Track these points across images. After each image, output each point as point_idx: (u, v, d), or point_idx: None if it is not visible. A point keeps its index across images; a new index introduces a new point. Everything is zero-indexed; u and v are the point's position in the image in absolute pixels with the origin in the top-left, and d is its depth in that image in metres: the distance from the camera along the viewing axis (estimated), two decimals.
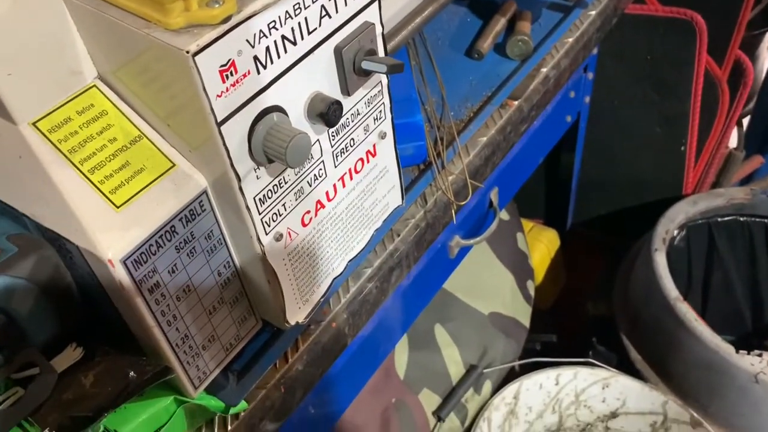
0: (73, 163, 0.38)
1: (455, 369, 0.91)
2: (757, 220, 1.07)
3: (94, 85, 0.40)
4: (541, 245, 1.20)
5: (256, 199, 0.42)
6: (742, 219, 1.07)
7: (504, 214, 1.08)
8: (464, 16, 0.83)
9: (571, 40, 0.81)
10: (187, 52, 0.34)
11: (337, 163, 0.47)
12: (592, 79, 1.02)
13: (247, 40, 0.36)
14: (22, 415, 0.39)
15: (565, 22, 0.81)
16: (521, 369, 0.98)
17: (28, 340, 0.40)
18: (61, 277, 0.41)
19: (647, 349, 0.96)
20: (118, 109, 0.40)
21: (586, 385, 0.96)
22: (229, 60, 0.36)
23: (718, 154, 1.08)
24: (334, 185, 0.48)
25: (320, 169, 0.46)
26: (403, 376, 0.89)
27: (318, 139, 0.44)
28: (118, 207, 0.38)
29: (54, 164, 0.38)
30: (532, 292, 1.06)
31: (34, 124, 0.38)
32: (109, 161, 0.39)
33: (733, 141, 1.28)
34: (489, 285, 1.00)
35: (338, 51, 0.42)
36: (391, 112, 0.51)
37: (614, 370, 0.94)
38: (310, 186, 0.46)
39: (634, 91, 1.07)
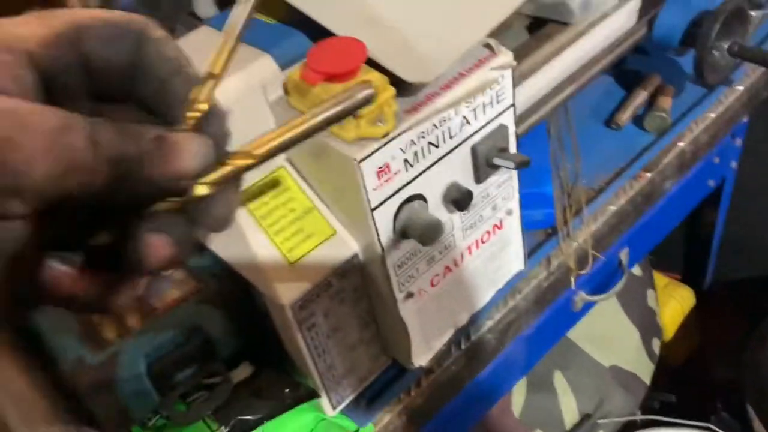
0: (262, 227, 0.51)
1: (570, 416, 0.97)
2: None
3: (283, 167, 0.53)
4: (674, 302, 1.21)
5: (395, 265, 0.52)
6: None
7: (636, 270, 1.11)
8: (609, 86, 0.89)
9: (713, 115, 0.84)
10: (355, 159, 0.45)
11: (465, 236, 0.57)
12: (740, 146, 1.03)
13: (401, 148, 0.47)
14: (206, 412, 0.52)
15: (707, 98, 0.84)
16: (637, 426, 1.02)
17: (216, 355, 0.53)
18: (246, 311, 0.54)
19: None
20: (299, 186, 0.53)
21: None
22: (385, 163, 0.46)
23: None
24: (462, 254, 0.58)
25: (450, 241, 0.56)
26: (518, 414, 0.97)
27: (450, 218, 0.54)
28: (292, 263, 0.51)
29: (250, 228, 0.51)
30: (657, 350, 1.08)
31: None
32: (288, 226, 0.51)
33: None
34: (613, 338, 1.04)
35: (474, 149, 0.52)
36: (518, 192, 0.59)
37: None
38: (440, 254, 0.56)
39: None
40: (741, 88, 0.87)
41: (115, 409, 0.50)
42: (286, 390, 0.54)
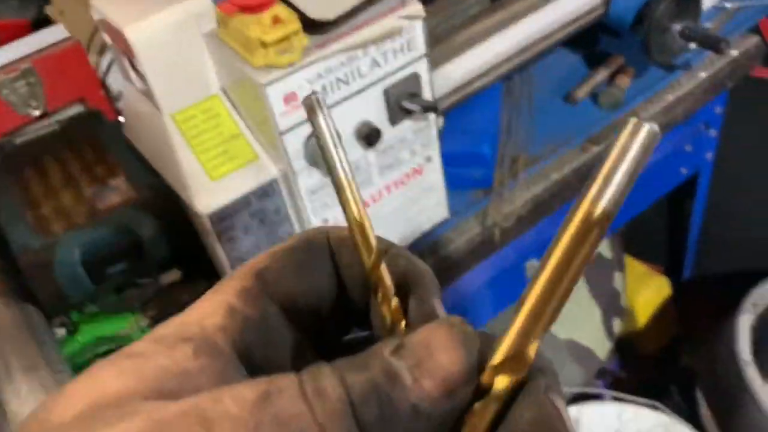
0: (191, 146, 0.58)
1: None
2: None
3: (216, 95, 0.60)
4: (649, 291, 1.24)
5: (309, 190, 0.59)
6: None
7: (606, 251, 1.15)
8: (575, 63, 0.93)
9: (671, 97, 0.87)
10: (261, 84, 0.51)
11: (383, 174, 0.63)
12: (715, 137, 1.06)
13: (307, 79, 0.53)
14: (135, 305, 0.60)
15: (664, 79, 0.87)
16: (587, 398, 1.05)
17: (146, 257, 0.60)
18: (177, 221, 0.61)
19: (716, 407, 0.98)
20: (229, 113, 0.59)
21: (648, 427, 1.01)
22: (291, 91, 0.53)
23: None
24: (380, 191, 0.63)
25: (366, 177, 0.62)
26: None
27: (364, 154, 0.60)
28: (214, 179, 0.57)
29: (180, 145, 0.58)
30: (617, 329, 1.12)
31: (172, 115, 0.58)
32: (215, 148, 0.58)
33: None
34: (574, 313, 1.08)
35: (386, 92, 0.58)
36: (439, 140, 0.65)
37: (677, 417, 0.98)
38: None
39: (765, 153, 1.08)
40: (704, 74, 0.90)
41: (53, 291, 0.58)
42: None
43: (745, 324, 0.94)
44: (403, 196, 0.66)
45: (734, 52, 0.92)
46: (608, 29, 0.89)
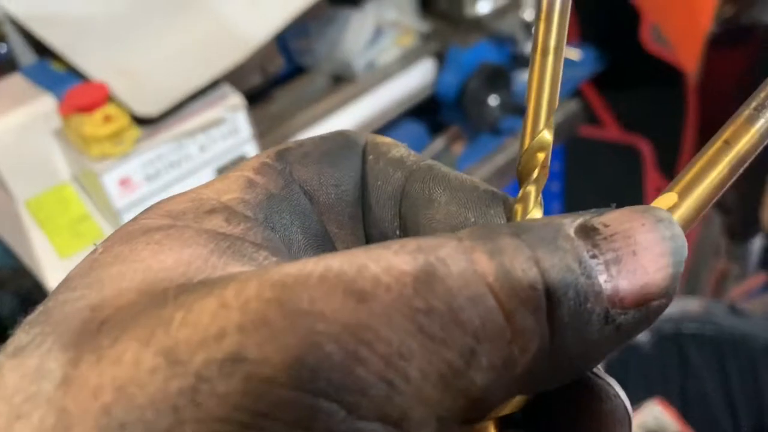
0: (43, 229, 0.65)
1: None
2: (719, 330, 1.17)
3: (66, 182, 0.68)
4: None
5: None
6: (707, 328, 1.18)
7: None
8: (420, 131, 1.06)
9: (501, 159, 1.01)
10: (97, 173, 0.60)
11: None
12: (558, 191, 1.20)
13: (139, 166, 0.62)
14: None
15: (492, 143, 1.01)
16: None
17: (7, 332, 0.67)
18: (34, 298, 0.68)
19: None
20: (78, 197, 0.67)
21: None
22: (126, 176, 0.62)
23: None
24: None
25: None
26: None
27: None
28: (64, 257, 0.65)
29: (32, 228, 0.65)
30: None
31: (25, 202, 0.66)
32: (65, 229, 0.66)
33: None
34: None
35: (219, 171, 0.67)
36: None
37: None
38: None
39: (597, 204, 1.22)
40: (517, 141, 1.03)
41: None
42: None
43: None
44: None
45: (557, 114, 1.07)
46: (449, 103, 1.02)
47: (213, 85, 0.66)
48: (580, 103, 1.13)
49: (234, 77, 0.69)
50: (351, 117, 0.91)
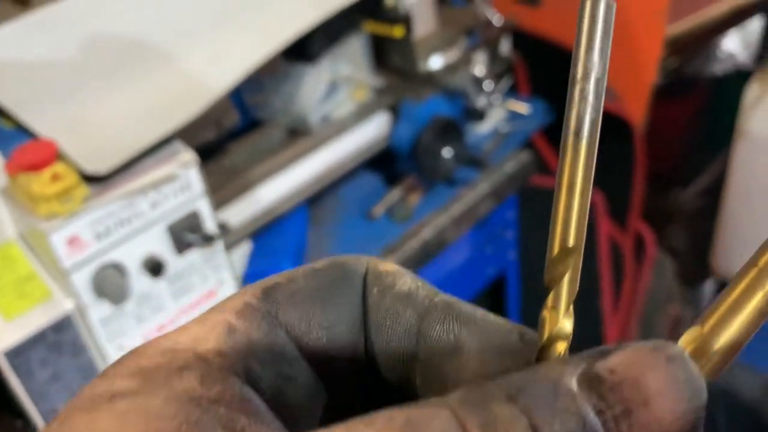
0: None
1: None
2: None
3: (12, 240, 0.67)
4: None
5: (101, 320, 0.66)
6: None
7: None
8: (378, 182, 1.08)
9: (457, 208, 1.02)
10: (45, 232, 0.59)
11: (177, 300, 0.71)
12: (513, 238, 1.22)
13: (87, 224, 0.62)
14: None
15: (448, 193, 1.03)
16: None
17: None
18: None
19: None
20: (24, 256, 0.66)
21: None
22: (74, 235, 0.61)
23: (633, 310, 1.23)
24: (174, 317, 0.71)
25: (158, 303, 0.70)
26: None
27: (153, 283, 0.69)
28: (9, 318, 0.64)
29: None
30: None
31: None
32: (10, 289, 0.65)
33: None
34: None
35: (170, 227, 0.67)
36: (227, 264, 0.74)
37: None
38: (151, 314, 0.69)
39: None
40: (485, 185, 1.06)
41: None
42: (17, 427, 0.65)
43: None
44: None
45: (510, 165, 1.10)
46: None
47: (165, 141, 0.67)
48: (532, 154, 1.16)
49: (188, 132, 0.70)
50: (307, 170, 0.92)
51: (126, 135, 0.65)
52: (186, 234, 0.68)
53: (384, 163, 1.05)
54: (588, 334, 1.31)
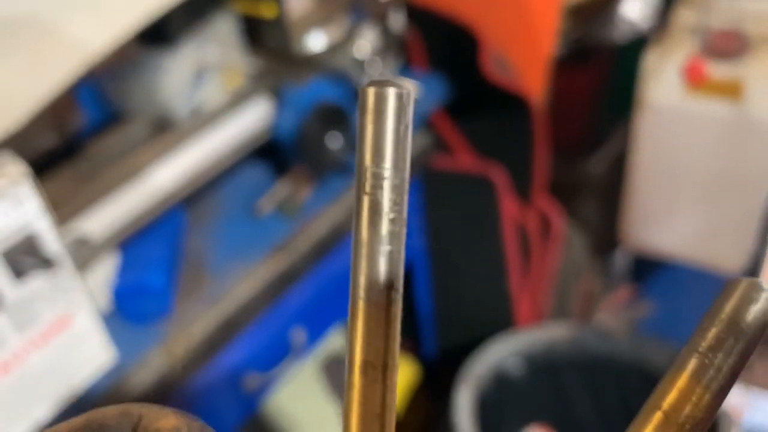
0: None
1: None
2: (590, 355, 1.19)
3: None
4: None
5: None
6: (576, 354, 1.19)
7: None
8: (265, 175, 1.01)
9: (352, 196, 0.97)
10: None
11: (20, 332, 0.63)
12: (416, 224, 1.18)
13: None
14: None
15: (340, 184, 0.97)
16: None
17: None
18: None
19: None
20: None
21: None
22: None
23: (543, 287, 1.22)
24: (19, 352, 0.63)
25: (0, 339, 0.61)
26: None
27: None
28: None
29: None
30: None
31: None
32: None
33: None
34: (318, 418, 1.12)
35: (3, 254, 0.59)
36: (82, 285, 0.66)
37: None
38: None
39: (460, 233, 1.22)
40: None
41: None
42: None
43: (464, 396, 1.04)
44: (50, 353, 0.66)
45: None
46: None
47: None
48: (432, 135, 1.12)
49: (19, 141, 0.61)
50: (178, 167, 0.84)
51: None
52: (23, 258, 0.59)
53: (271, 155, 0.98)
54: (499, 315, 1.29)
